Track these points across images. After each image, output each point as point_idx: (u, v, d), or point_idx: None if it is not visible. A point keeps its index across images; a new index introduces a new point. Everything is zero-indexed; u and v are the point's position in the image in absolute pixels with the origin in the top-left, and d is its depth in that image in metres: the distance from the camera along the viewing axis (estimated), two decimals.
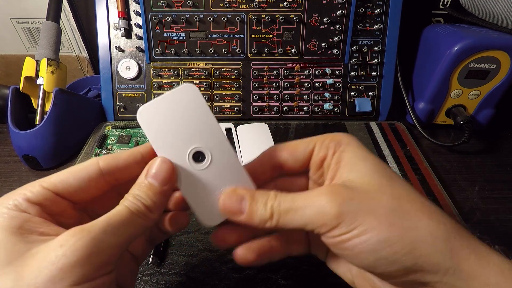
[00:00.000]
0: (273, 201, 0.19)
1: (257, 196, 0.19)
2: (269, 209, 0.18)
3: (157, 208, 0.19)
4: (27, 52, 0.57)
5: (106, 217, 0.17)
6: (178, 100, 0.19)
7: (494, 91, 0.45)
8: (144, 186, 0.19)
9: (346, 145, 0.20)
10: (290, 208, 0.18)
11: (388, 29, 0.48)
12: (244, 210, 0.19)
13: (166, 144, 0.19)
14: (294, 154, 0.21)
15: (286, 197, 0.19)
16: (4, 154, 0.45)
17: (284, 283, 0.28)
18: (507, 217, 0.36)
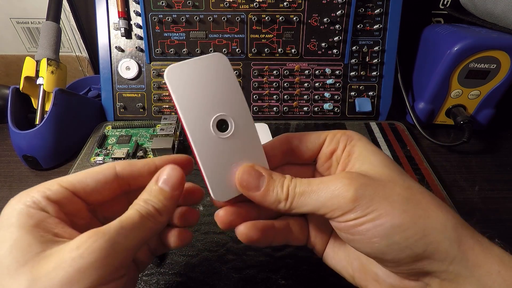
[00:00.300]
0: (289, 183, 0.19)
1: (274, 176, 0.20)
2: (285, 189, 0.19)
3: (167, 211, 0.19)
4: (27, 52, 0.57)
5: (119, 221, 0.17)
6: (207, 66, 0.19)
7: (494, 91, 0.45)
8: (155, 190, 0.19)
9: (357, 140, 0.21)
10: (305, 191, 0.19)
11: (388, 29, 0.48)
12: (261, 187, 0.19)
13: (192, 107, 0.19)
14: (305, 143, 0.22)
15: (302, 180, 0.19)
16: (4, 154, 0.45)
17: (284, 283, 0.28)
18: (507, 217, 0.36)
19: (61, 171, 0.42)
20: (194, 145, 0.19)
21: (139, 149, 0.42)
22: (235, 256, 0.30)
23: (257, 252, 0.30)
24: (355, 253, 0.22)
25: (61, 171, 0.42)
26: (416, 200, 0.17)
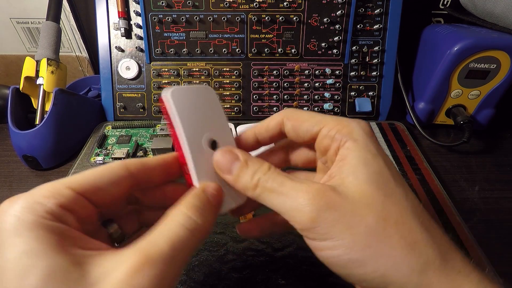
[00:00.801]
0: (262, 174, 0.18)
1: (250, 163, 0.19)
2: (255, 180, 0.18)
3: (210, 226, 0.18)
4: (27, 52, 0.57)
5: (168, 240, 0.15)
6: (201, 94, 0.21)
7: (494, 91, 0.45)
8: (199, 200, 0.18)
9: (353, 142, 0.19)
10: (274, 189, 0.18)
11: (388, 29, 0.48)
12: (233, 171, 0.19)
13: (191, 125, 0.20)
14: (297, 130, 0.21)
15: (277, 176, 0.18)
16: (4, 154, 0.45)
17: (284, 283, 0.28)
18: (507, 217, 0.36)
19: (61, 171, 0.42)
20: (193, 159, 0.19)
21: (139, 149, 0.42)
22: (235, 256, 0.30)
23: (257, 252, 0.30)
24: None
25: (61, 171, 0.42)
26: (386, 235, 0.16)
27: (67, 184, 0.16)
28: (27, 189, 0.16)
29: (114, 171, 0.18)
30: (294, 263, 0.29)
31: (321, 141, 0.20)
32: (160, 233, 0.16)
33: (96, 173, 0.18)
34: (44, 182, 0.16)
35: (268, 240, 0.31)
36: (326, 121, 0.20)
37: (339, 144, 0.19)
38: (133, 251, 0.15)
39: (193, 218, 0.17)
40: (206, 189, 0.19)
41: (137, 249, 0.15)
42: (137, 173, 0.19)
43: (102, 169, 0.18)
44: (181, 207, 0.17)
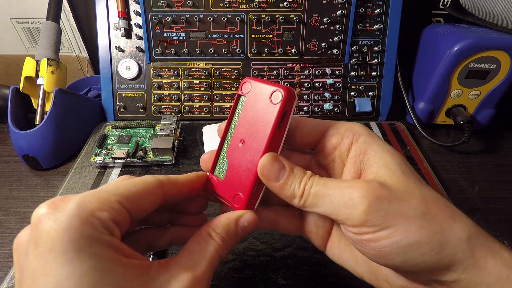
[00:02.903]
0: (307, 180, 0.19)
1: (296, 171, 0.19)
2: (302, 186, 0.18)
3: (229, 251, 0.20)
4: (27, 52, 0.57)
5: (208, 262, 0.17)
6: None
7: (494, 91, 0.45)
8: (232, 232, 0.19)
9: (368, 137, 0.19)
10: (320, 193, 0.18)
11: (388, 29, 0.48)
12: (280, 178, 0.19)
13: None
14: (303, 128, 0.21)
15: (319, 180, 0.19)
16: (4, 154, 0.45)
17: (284, 283, 0.28)
18: (507, 217, 0.36)
19: (61, 171, 0.42)
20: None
21: (139, 149, 0.42)
22: (235, 256, 0.30)
23: (257, 252, 0.30)
24: (363, 257, 0.21)
25: (61, 171, 0.42)
26: (431, 214, 0.17)
27: (116, 197, 0.16)
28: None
29: (151, 189, 0.18)
30: (294, 263, 0.29)
31: (329, 139, 0.20)
32: (200, 256, 0.17)
33: (137, 186, 0.18)
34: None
35: (268, 240, 0.31)
36: (331, 122, 0.21)
37: (351, 140, 0.20)
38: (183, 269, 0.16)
39: (222, 246, 0.18)
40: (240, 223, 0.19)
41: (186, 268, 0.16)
42: (168, 191, 0.19)
43: (142, 185, 0.18)
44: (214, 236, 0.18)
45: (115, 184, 0.17)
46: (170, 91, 0.49)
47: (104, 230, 0.15)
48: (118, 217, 0.16)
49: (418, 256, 0.16)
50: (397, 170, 0.18)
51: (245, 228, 0.19)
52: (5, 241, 0.33)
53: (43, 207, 0.15)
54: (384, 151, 0.19)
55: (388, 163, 0.18)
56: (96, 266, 0.13)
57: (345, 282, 0.28)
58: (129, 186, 0.17)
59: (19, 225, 0.34)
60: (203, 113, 0.50)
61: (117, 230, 0.16)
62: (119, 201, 0.16)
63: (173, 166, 0.41)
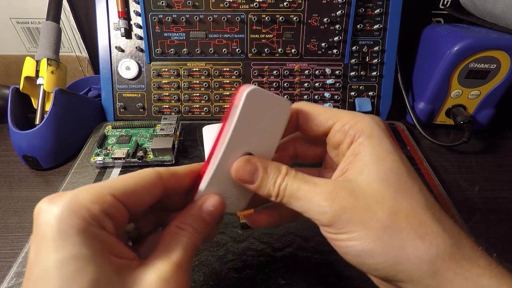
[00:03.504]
0: (281, 182, 0.19)
1: (269, 170, 0.20)
2: (276, 188, 0.19)
3: (204, 240, 0.20)
4: (27, 52, 0.57)
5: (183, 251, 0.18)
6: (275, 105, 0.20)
7: (494, 91, 0.45)
8: (199, 219, 0.20)
9: (366, 138, 0.19)
10: (293, 194, 0.19)
11: (388, 29, 0.48)
12: (254, 181, 0.20)
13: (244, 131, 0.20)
14: (311, 123, 0.21)
15: (294, 181, 0.19)
16: (4, 154, 0.45)
17: (284, 283, 0.28)
18: (507, 217, 0.36)
19: (61, 171, 0.42)
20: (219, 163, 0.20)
21: (139, 149, 0.42)
22: (235, 256, 0.30)
23: (257, 252, 0.30)
24: None
25: (61, 171, 0.42)
26: (396, 228, 0.17)
27: (110, 190, 0.17)
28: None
29: (149, 180, 0.19)
30: (294, 263, 0.29)
31: (333, 135, 0.21)
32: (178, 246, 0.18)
33: (134, 181, 0.18)
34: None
35: (268, 240, 0.31)
36: (340, 115, 0.20)
37: (352, 139, 0.20)
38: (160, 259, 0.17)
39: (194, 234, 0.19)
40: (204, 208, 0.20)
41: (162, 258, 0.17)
42: (168, 182, 0.20)
43: (139, 177, 0.18)
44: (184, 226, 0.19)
45: (113, 179, 0.18)
46: (170, 91, 0.49)
47: (94, 222, 0.15)
48: (111, 210, 0.16)
49: (371, 263, 0.17)
50: (376, 177, 0.18)
51: (211, 212, 0.20)
52: (5, 241, 0.33)
53: (43, 201, 0.16)
54: (374, 156, 0.19)
55: (370, 169, 0.18)
56: (78, 255, 0.14)
57: (345, 282, 0.28)
58: (126, 179, 0.18)
59: (19, 225, 0.34)
60: (203, 113, 0.50)
61: (110, 222, 0.16)
62: (113, 194, 0.17)
63: (173, 166, 0.41)
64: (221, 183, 0.21)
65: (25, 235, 0.33)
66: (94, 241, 0.15)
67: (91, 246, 0.14)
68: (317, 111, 0.21)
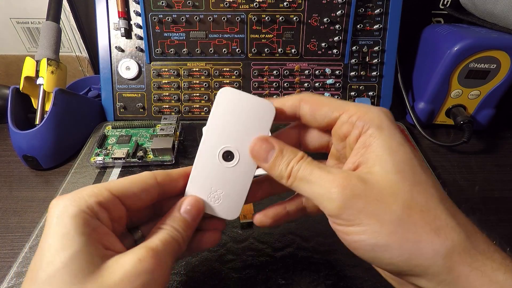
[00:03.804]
0: (294, 164, 0.19)
1: (285, 152, 0.20)
2: (289, 169, 0.19)
3: (187, 239, 0.21)
4: (27, 52, 0.57)
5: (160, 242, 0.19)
6: (255, 106, 0.21)
7: (494, 91, 0.45)
8: (178, 219, 0.21)
9: (376, 130, 0.19)
10: (305, 178, 0.19)
11: (388, 29, 0.48)
12: (269, 159, 0.20)
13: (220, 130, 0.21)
14: (315, 114, 0.21)
15: (308, 165, 0.19)
16: (4, 154, 0.45)
17: (284, 283, 0.28)
18: (507, 217, 0.36)
19: (61, 171, 0.42)
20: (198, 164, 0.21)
21: (139, 149, 0.42)
22: (235, 256, 0.30)
23: (257, 252, 0.30)
24: None
25: (61, 171, 0.42)
26: (411, 222, 0.16)
27: (106, 187, 0.19)
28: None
29: (144, 179, 0.21)
30: (294, 263, 0.29)
31: (340, 127, 0.20)
32: (156, 238, 0.19)
33: (130, 180, 0.20)
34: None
35: (268, 240, 0.31)
36: (347, 106, 0.20)
37: (361, 130, 0.19)
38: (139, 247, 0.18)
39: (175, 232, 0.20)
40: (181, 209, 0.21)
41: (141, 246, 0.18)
42: (163, 183, 0.21)
43: (135, 177, 0.21)
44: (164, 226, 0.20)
45: (117, 180, 0.20)
46: (170, 91, 0.49)
47: (88, 210, 0.17)
48: (106, 203, 0.19)
49: (385, 258, 0.17)
50: (392, 169, 0.17)
51: (189, 211, 0.21)
52: (5, 241, 0.33)
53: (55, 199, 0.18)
54: (386, 147, 0.18)
55: (384, 161, 0.18)
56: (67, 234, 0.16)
57: (345, 282, 0.28)
58: (123, 179, 0.20)
59: (19, 225, 0.34)
60: (203, 113, 0.50)
61: (105, 213, 0.18)
62: (109, 189, 0.19)
63: (173, 166, 0.41)
64: (206, 183, 0.22)
65: (25, 235, 0.33)
66: (84, 225, 0.17)
67: (80, 229, 0.17)
68: (322, 101, 0.21)
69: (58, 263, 0.16)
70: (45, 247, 0.16)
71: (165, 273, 0.18)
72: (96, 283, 0.16)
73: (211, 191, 0.22)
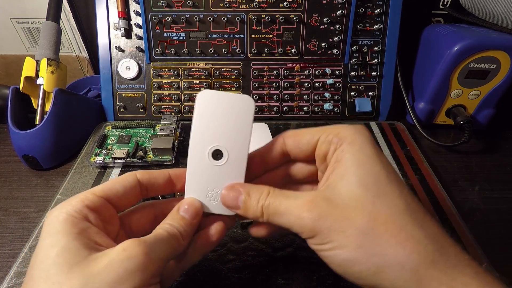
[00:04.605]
0: (264, 201, 0.20)
1: (251, 193, 0.21)
2: (260, 208, 0.20)
3: (187, 236, 0.21)
4: (27, 52, 0.57)
5: (153, 235, 0.20)
6: (235, 103, 0.21)
7: (494, 91, 0.45)
8: (177, 218, 0.22)
9: (348, 144, 0.19)
10: (276, 211, 0.20)
11: (388, 29, 0.48)
12: (240, 205, 0.21)
13: (201, 131, 0.22)
14: (299, 144, 0.22)
15: (276, 198, 0.20)
16: (4, 154, 0.45)
17: (284, 283, 0.28)
18: (507, 217, 0.36)
19: (61, 171, 0.42)
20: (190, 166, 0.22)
21: (139, 149, 0.42)
22: (235, 256, 0.30)
23: (257, 252, 0.30)
24: None
25: (61, 171, 0.42)
26: (376, 234, 0.17)
27: (91, 191, 0.21)
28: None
29: (127, 179, 0.22)
30: (294, 263, 0.29)
31: (319, 147, 0.21)
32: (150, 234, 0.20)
33: (115, 181, 0.22)
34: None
35: (268, 240, 0.31)
36: (325, 128, 0.21)
37: (336, 146, 0.20)
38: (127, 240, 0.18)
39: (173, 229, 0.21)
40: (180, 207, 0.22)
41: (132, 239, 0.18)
42: (144, 181, 0.23)
43: (119, 178, 0.22)
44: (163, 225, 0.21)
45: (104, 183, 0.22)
46: (170, 91, 0.49)
47: (75, 213, 0.19)
48: (93, 205, 0.20)
49: (355, 272, 0.17)
50: (355, 182, 0.18)
51: (187, 210, 0.22)
52: (5, 241, 0.33)
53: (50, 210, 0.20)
54: (355, 160, 0.19)
55: (350, 174, 0.18)
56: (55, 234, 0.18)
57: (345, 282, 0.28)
58: (107, 182, 0.22)
59: (19, 225, 0.34)
60: None
61: (93, 215, 0.20)
62: (94, 193, 0.20)
63: (173, 166, 0.41)
64: (202, 184, 0.22)
65: (25, 235, 0.33)
66: (71, 226, 0.18)
67: (67, 230, 0.18)
68: (303, 131, 0.22)
69: (48, 259, 0.17)
70: (38, 249, 0.18)
71: (156, 265, 0.18)
72: (81, 273, 0.16)
73: (208, 191, 0.23)
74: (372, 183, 0.18)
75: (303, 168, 0.24)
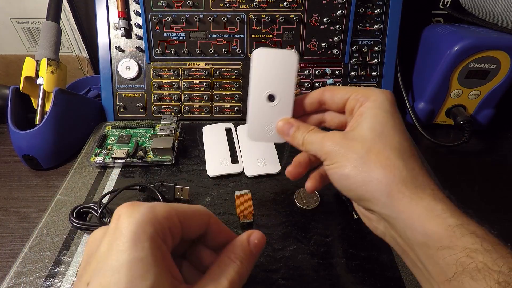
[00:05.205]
0: (305, 134, 0.27)
1: (300, 127, 0.28)
2: (302, 138, 0.27)
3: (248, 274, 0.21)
4: (27, 52, 0.57)
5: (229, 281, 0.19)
6: (282, 57, 0.27)
7: (494, 91, 0.45)
8: (248, 252, 0.21)
9: (371, 101, 0.25)
10: (310, 141, 0.26)
11: (388, 29, 0.48)
12: (290, 134, 0.28)
13: (261, 80, 0.28)
14: (334, 98, 0.28)
15: (314, 134, 0.26)
16: (4, 154, 0.45)
17: (284, 283, 0.28)
18: (507, 217, 0.36)
19: (61, 171, 0.42)
20: (253, 106, 0.29)
21: (139, 149, 0.42)
22: None
23: None
24: None
25: (61, 171, 0.42)
26: (367, 159, 0.22)
27: (176, 212, 0.19)
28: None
29: (201, 210, 0.21)
30: (294, 263, 0.29)
31: (349, 103, 0.27)
32: (221, 276, 0.19)
33: (191, 208, 0.20)
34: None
35: (268, 240, 0.31)
36: (356, 89, 0.27)
37: (361, 103, 0.25)
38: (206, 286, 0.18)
39: (240, 266, 0.20)
40: (250, 241, 0.21)
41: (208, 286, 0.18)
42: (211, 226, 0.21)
43: (196, 208, 0.21)
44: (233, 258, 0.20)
45: (180, 205, 0.20)
46: (170, 91, 0.49)
47: (162, 235, 0.17)
48: (174, 229, 0.18)
49: (348, 185, 0.23)
50: (367, 127, 0.24)
51: (256, 245, 0.22)
52: (5, 241, 0.33)
53: (124, 206, 0.18)
54: (373, 114, 0.24)
55: (366, 122, 0.24)
56: (145, 259, 0.16)
57: (344, 282, 0.28)
58: (185, 207, 0.20)
59: (19, 225, 0.34)
60: (203, 113, 0.50)
61: (170, 240, 0.18)
62: (178, 215, 0.19)
63: (173, 166, 0.41)
64: (261, 120, 0.29)
65: (25, 235, 0.33)
66: (158, 251, 0.16)
67: (156, 255, 0.16)
68: (339, 88, 0.28)
69: None
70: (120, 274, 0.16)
71: None
72: None
73: (265, 126, 0.29)
74: (378, 128, 0.24)
75: (335, 118, 0.29)
